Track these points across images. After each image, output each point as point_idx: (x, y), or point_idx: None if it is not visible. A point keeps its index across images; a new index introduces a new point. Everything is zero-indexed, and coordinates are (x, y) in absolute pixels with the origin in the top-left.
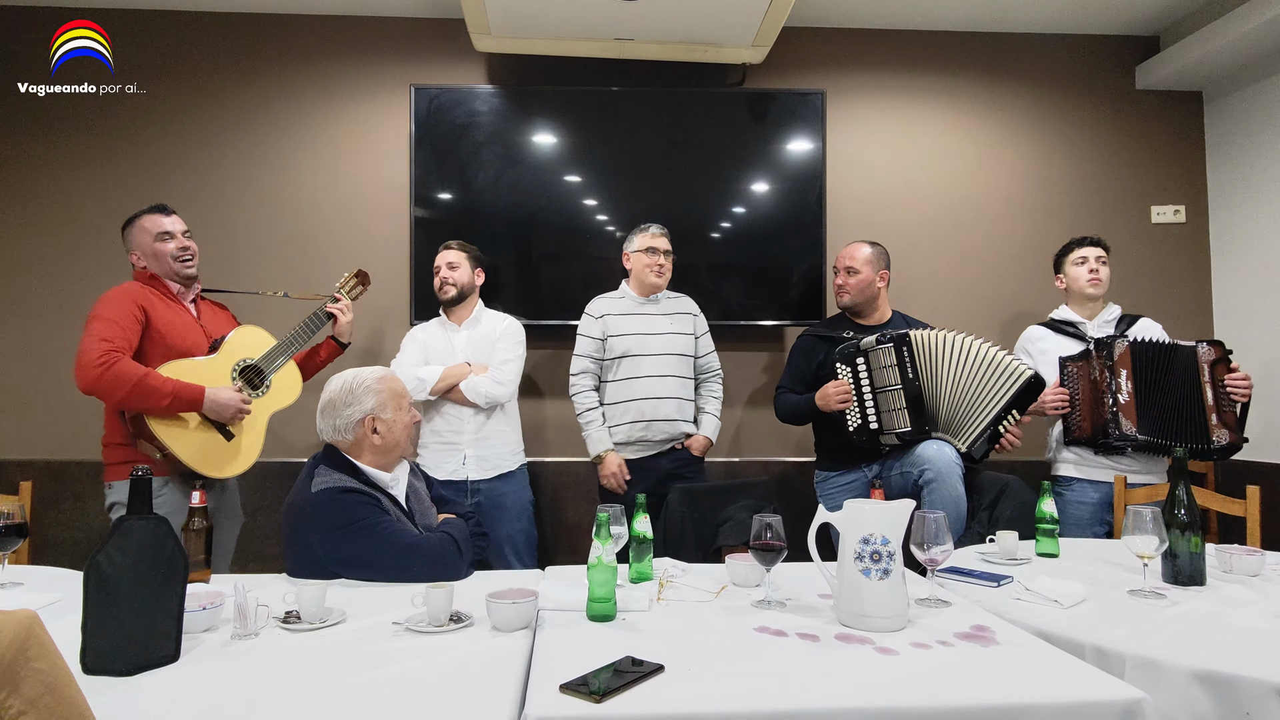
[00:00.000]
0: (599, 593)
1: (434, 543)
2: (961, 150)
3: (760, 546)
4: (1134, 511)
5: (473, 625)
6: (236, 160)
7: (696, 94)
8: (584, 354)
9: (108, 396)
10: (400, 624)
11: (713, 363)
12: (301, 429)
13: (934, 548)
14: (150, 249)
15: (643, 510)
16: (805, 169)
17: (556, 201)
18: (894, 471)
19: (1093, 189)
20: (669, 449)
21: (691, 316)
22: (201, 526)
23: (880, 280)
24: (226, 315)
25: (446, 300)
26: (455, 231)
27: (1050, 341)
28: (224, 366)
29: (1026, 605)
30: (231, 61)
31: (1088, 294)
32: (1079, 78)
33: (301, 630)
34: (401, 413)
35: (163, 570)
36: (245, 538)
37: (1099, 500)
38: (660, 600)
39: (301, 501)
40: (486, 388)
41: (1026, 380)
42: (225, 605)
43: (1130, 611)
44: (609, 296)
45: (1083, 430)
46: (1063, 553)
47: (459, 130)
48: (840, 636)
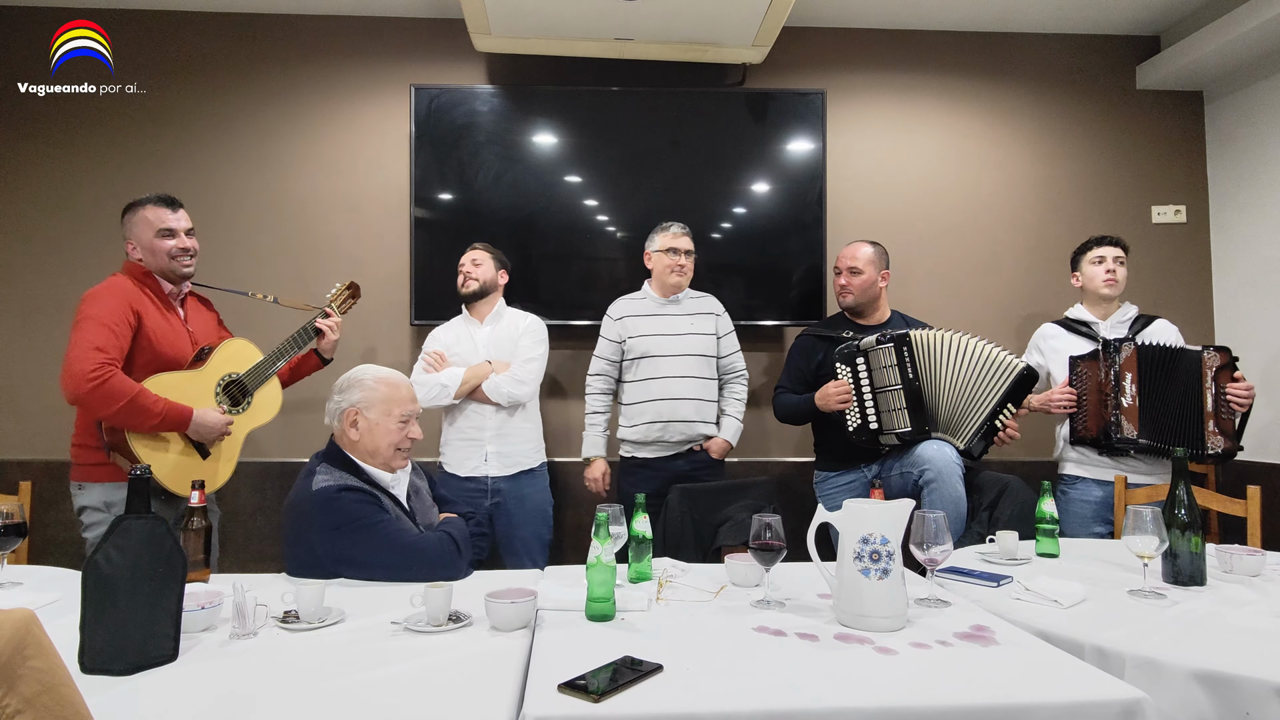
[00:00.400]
0: (598, 593)
1: (433, 542)
2: (962, 150)
3: (760, 546)
4: (1134, 511)
5: (471, 625)
6: (235, 159)
7: (696, 94)
8: (601, 356)
9: (96, 411)
10: (399, 624)
11: (736, 363)
12: (301, 431)
13: (934, 547)
14: (149, 244)
15: (642, 510)
16: (805, 169)
17: (556, 202)
18: (894, 472)
19: (1093, 189)
20: (687, 450)
21: (714, 316)
22: (200, 526)
23: (882, 280)
24: (213, 317)
25: (468, 294)
26: (456, 232)
27: (1062, 340)
28: (209, 381)
29: (1026, 605)
30: (231, 61)
31: (1102, 294)
32: (1079, 77)
33: (300, 630)
34: (388, 419)
35: (161, 569)
36: (245, 537)
37: (1102, 499)
38: (659, 600)
39: (301, 500)
40: (508, 387)
41: (1019, 374)
42: (224, 605)
43: (1130, 611)
44: (631, 297)
45: (1087, 430)
46: (1063, 553)
47: (459, 130)
48: (840, 636)
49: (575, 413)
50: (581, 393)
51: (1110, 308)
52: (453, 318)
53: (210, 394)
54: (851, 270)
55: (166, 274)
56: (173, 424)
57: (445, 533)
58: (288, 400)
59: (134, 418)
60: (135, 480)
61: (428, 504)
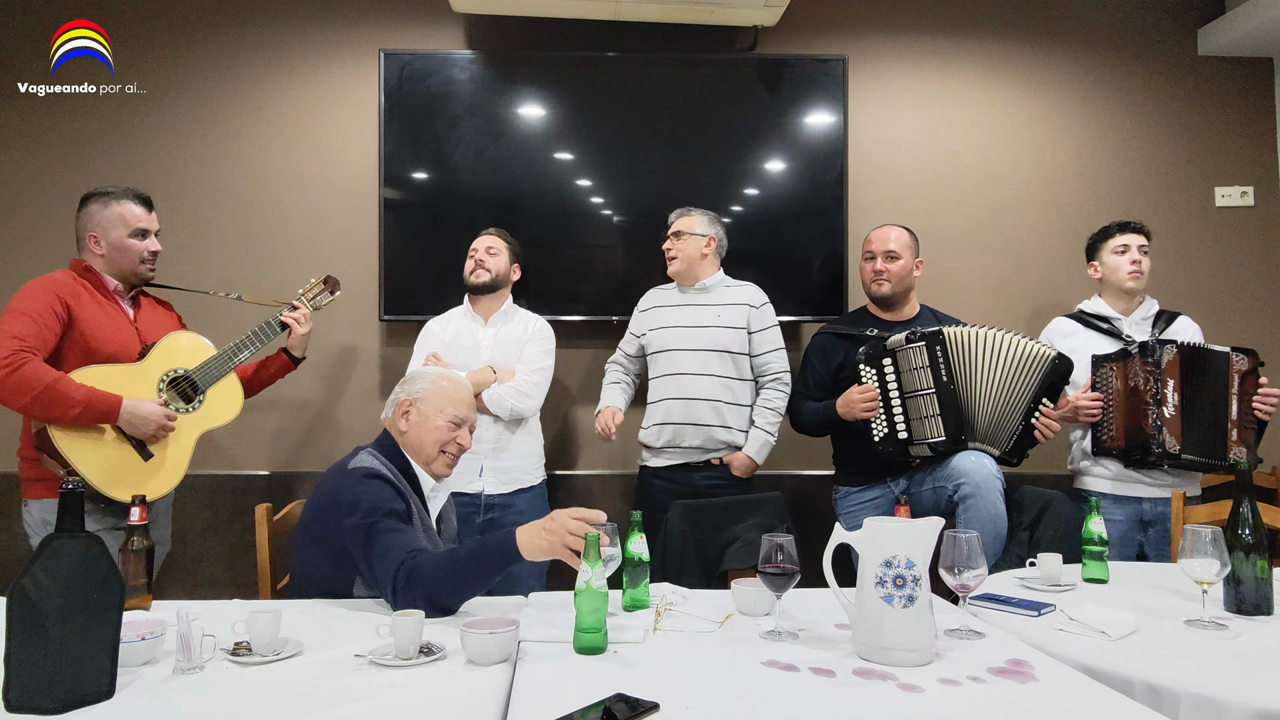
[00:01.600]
0: (588, 622)
1: (393, 566)
2: (1001, 124)
3: (770, 570)
4: (1192, 531)
5: (445, 658)
6: (182, 136)
7: (702, 61)
8: (621, 347)
9: (10, 402)
10: (363, 656)
11: (771, 364)
12: (261, 440)
13: (966, 572)
14: (120, 242)
15: (638, 529)
16: (825, 145)
17: (544, 182)
18: (925, 486)
19: (1149, 168)
20: (705, 462)
21: (748, 308)
22: (141, 546)
23: (916, 269)
24: (171, 316)
25: (477, 285)
26: (431, 215)
27: (1080, 338)
28: (151, 375)
29: (1070, 637)
30: (182, 24)
31: (1127, 287)
32: (1133, 42)
33: (252, 663)
34: (439, 416)
35: (96, 596)
36: (193, 559)
37: (1127, 520)
38: (657, 630)
39: (330, 474)
40: (512, 400)
41: (1051, 361)
42: (167, 635)
43: (1187, 644)
44: (662, 287)
45: (1115, 441)
46: (1112, 578)
47: (434, 101)
48: (859, 672)
49: (570, 421)
50: (575, 397)
51: (1133, 302)
52: (440, 311)
53: (151, 389)
54: (888, 255)
55: (128, 276)
56: (98, 414)
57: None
58: (250, 403)
59: (52, 408)
60: (66, 495)
61: (449, 536)
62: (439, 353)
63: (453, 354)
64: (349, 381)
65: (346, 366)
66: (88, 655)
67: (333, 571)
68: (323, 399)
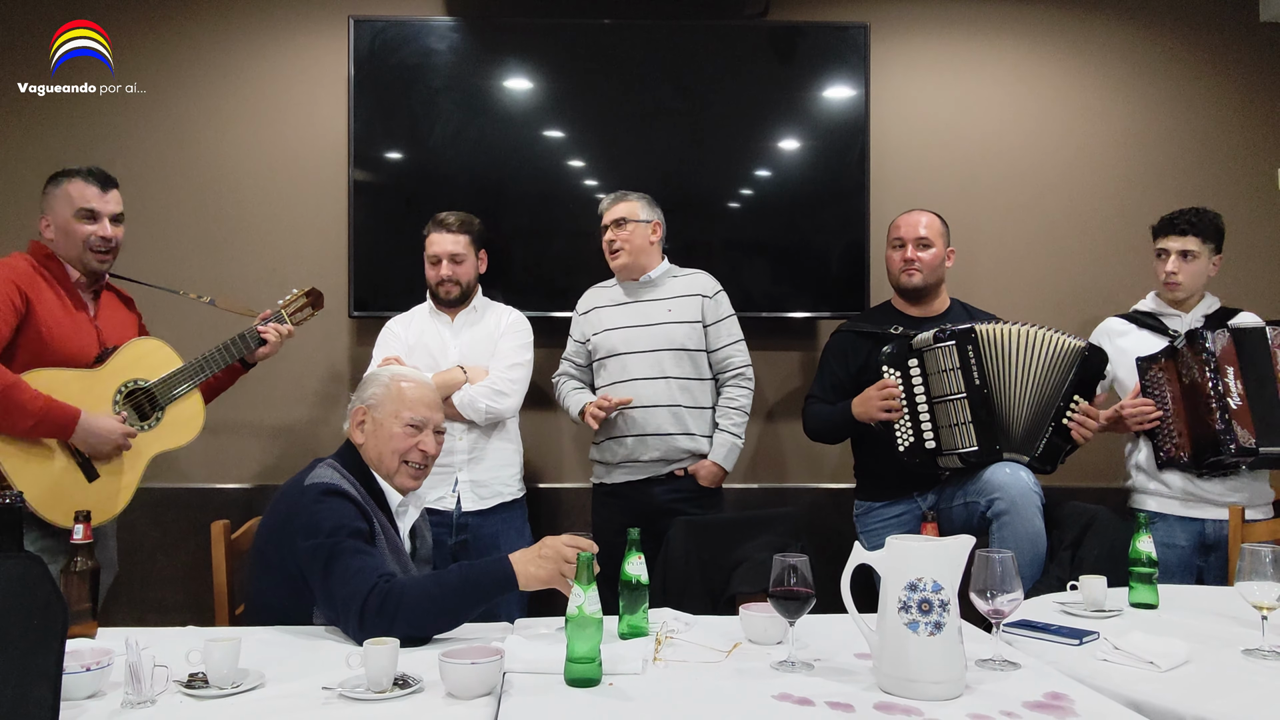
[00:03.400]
0: (580, 651)
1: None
2: (1040, 98)
3: (782, 594)
4: (1250, 551)
5: (422, 690)
6: (140, 115)
7: (707, 27)
8: (567, 357)
9: None
10: (332, 689)
11: (733, 358)
12: (217, 452)
13: (1000, 596)
14: (64, 224)
15: (636, 549)
16: (844, 123)
17: (532, 163)
18: (955, 501)
19: (1204, 147)
20: (668, 475)
21: (701, 298)
22: (85, 568)
23: (948, 259)
24: (132, 317)
25: (449, 300)
26: (406, 199)
27: (1133, 338)
28: (107, 385)
29: (1114, 668)
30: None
31: (1167, 297)
32: (1187, 7)
33: (209, 697)
34: (395, 422)
35: (36, 622)
36: (143, 582)
37: (1190, 543)
38: (657, 660)
39: (286, 490)
40: (486, 401)
41: (1080, 354)
42: (115, 666)
43: (1243, 676)
44: (601, 286)
45: (1182, 449)
46: (1162, 602)
47: (410, 73)
48: (880, 706)
49: (556, 427)
50: (558, 402)
51: (1191, 300)
52: (412, 307)
53: (106, 401)
54: (920, 242)
55: (75, 264)
56: (54, 428)
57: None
58: (210, 417)
59: (6, 416)
60: (4, 511)
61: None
62: (401, 356)
63: (416, 357)
64: (314, 385)
65: (311, 368)
66: (27, 687)
67: (289, 600)
68: (286, 405)
